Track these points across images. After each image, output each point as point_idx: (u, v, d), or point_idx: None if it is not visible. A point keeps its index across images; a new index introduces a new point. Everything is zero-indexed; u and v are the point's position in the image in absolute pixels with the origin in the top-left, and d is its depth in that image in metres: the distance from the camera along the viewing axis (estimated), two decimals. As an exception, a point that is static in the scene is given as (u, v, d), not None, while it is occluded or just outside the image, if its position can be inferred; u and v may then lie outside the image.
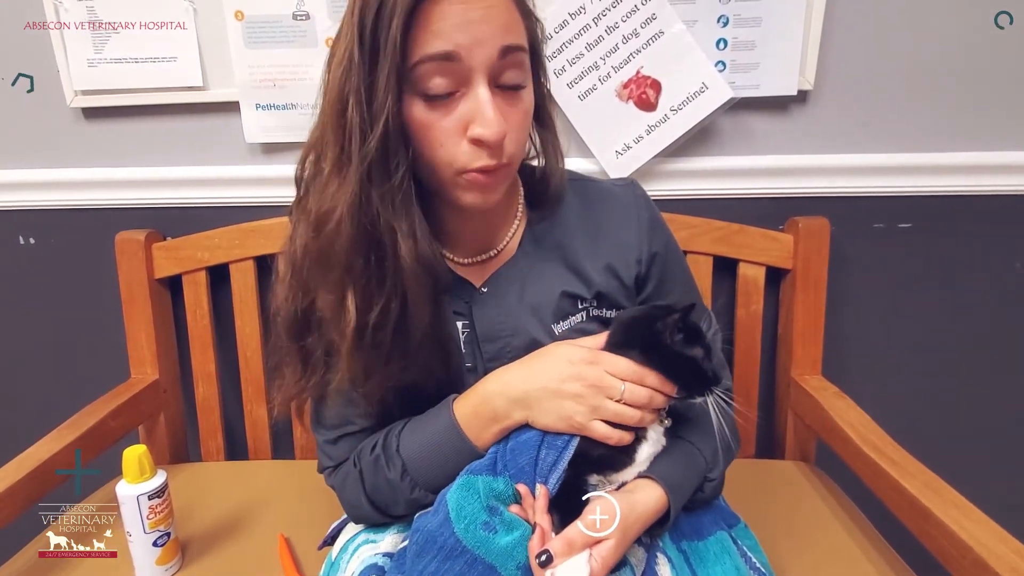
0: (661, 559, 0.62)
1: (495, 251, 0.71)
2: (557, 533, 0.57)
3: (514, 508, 0.60)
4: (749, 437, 1.12)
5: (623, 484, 0.63)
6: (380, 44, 0.54)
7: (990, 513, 0.71)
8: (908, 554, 0.83)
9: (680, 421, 0.66)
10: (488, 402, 0.64)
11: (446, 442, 0.65)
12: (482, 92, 0.56)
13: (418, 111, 0.57)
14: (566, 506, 0.59)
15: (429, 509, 0.62)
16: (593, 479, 0.62)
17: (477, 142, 0.57)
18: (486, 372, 0.69)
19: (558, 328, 0.70)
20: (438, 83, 0.56)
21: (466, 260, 0.71)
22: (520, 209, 0.72)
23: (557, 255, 0.71)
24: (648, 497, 0.61)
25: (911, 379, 1.17)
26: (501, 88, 0.58)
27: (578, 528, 0.56)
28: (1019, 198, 1.08)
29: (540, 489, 0.60)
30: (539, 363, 0.64)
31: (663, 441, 0.64)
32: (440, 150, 0.58)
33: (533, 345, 0.69)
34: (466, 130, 0.57)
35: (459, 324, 0.70)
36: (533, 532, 0.58)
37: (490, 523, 0.57)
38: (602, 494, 0.59)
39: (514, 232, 0.72)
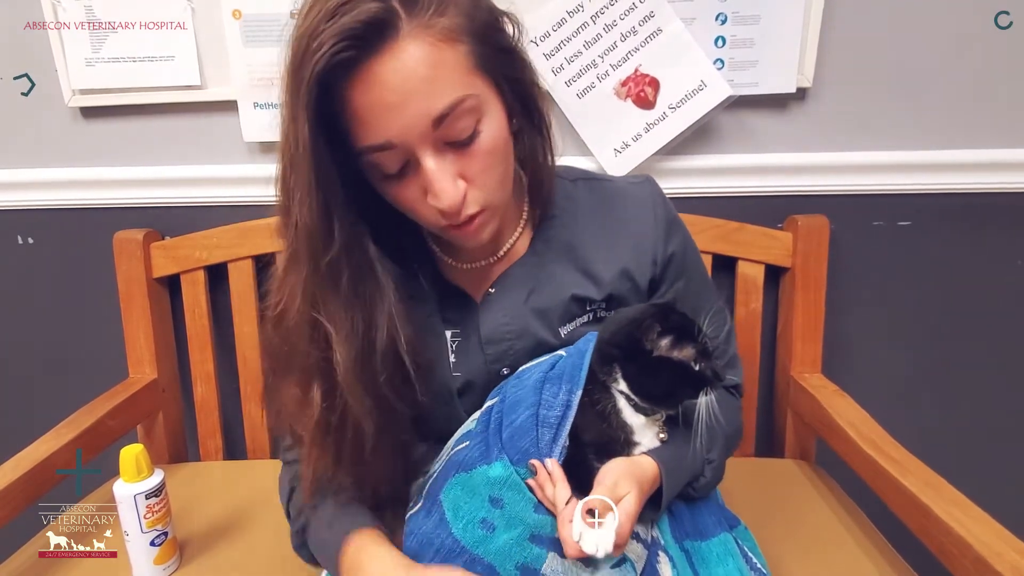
0: (662, 557, 0.61)
1: (500, 254, 0.70)
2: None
3: (531, 482, 0.59)
4: (749, 436, 1.12)
5: None
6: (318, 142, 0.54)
7: (990, 511, 0.71)
8: (908, 552, 0.82)
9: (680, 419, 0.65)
10: None
11: (325, 557, 0.66)
12: (429, 164, 0.55)
13: (380, 185, 0.59)
14: (573, 482, 0.58)
15: (420, 510, 0.61)
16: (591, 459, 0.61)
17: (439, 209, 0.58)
18: (488, 374, 0.69)
19: (564, 330, 0.69)
20: (388, 166, 0.56)
21: (471, 264, 0.70)
22: (525, 211, 0.71)
23: (568, 257, 0.70)
24: (645, 459, 0.61)
25: (911, 377, 1.17)
26: (452, 145, 0.56)
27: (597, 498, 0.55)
28: (1019, 195, 1.08)
29: (551, 463, 0.58)
30: None
31: (656, 443, 0.63)
32: (415, 213, 0.60)
33: (538, 347, 0.68)
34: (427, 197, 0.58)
35: (448, 333, 0.70)
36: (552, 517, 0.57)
37: (488, 520, 0.57)
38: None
39: (519, 235, 0.71)
